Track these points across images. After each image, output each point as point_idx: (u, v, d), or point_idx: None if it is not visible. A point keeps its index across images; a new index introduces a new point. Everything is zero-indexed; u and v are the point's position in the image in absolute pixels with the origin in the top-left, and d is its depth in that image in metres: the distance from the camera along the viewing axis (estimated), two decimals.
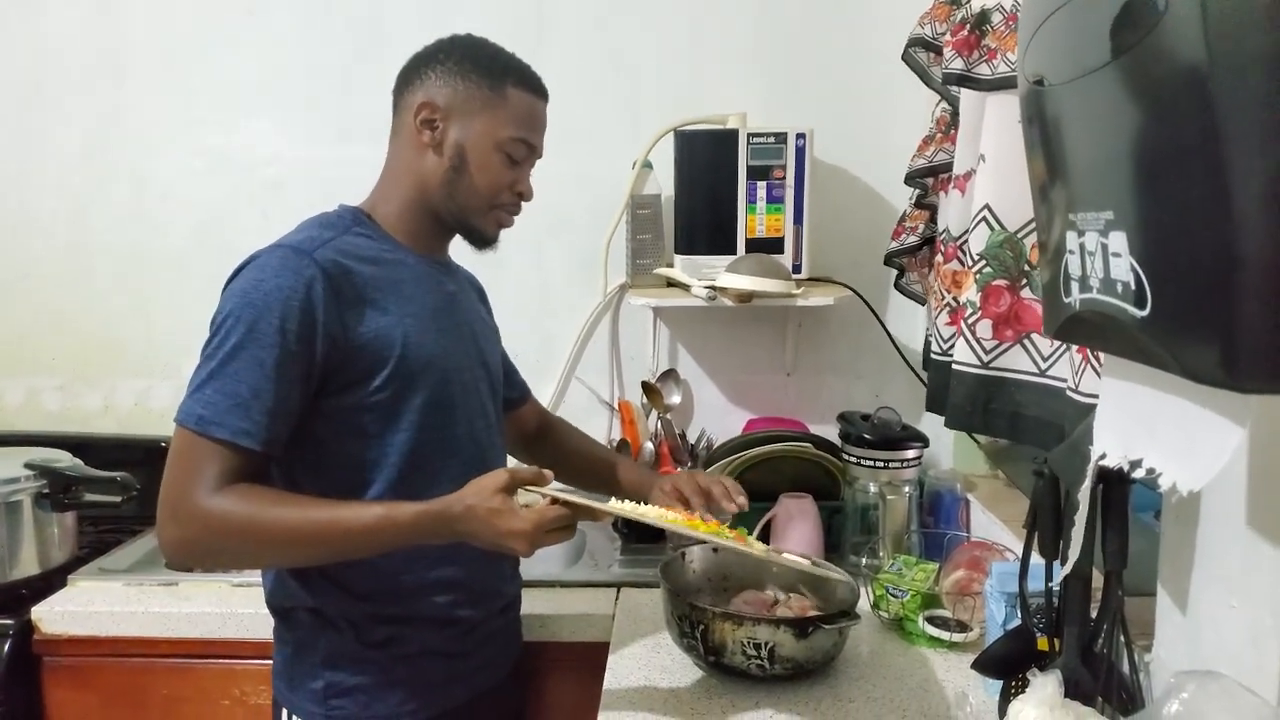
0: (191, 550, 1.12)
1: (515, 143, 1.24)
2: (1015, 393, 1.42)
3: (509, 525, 1.06)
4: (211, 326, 1.13)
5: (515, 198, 1.28)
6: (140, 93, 2.04)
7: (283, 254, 1.14)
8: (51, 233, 2.08)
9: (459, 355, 1.28)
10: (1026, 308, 1.41)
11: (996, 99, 1.41)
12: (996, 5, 1.41)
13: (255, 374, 1.09)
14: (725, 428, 2.02)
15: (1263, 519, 0.79)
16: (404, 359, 1.18)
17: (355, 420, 1.17)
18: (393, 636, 1.21)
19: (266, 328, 1.09)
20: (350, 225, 1.22)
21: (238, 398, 1.08)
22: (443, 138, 1.22)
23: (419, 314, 1.22)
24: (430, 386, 1.21)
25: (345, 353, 1.14)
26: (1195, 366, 0.62)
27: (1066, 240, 0.77)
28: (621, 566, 1.71)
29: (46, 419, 2.11)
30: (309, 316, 1.11)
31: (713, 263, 1.83)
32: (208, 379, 1.10)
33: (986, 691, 1.21)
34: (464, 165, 1.23)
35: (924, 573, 1.47)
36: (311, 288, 1.11)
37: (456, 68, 1.23)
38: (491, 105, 1.22)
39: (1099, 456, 0.83)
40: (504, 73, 1.24)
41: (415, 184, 1.25)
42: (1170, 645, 0.94)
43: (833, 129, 1.92)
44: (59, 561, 1.68)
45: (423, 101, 1.22)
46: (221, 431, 1.08)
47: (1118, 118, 0.66)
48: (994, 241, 1.42)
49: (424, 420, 1.20)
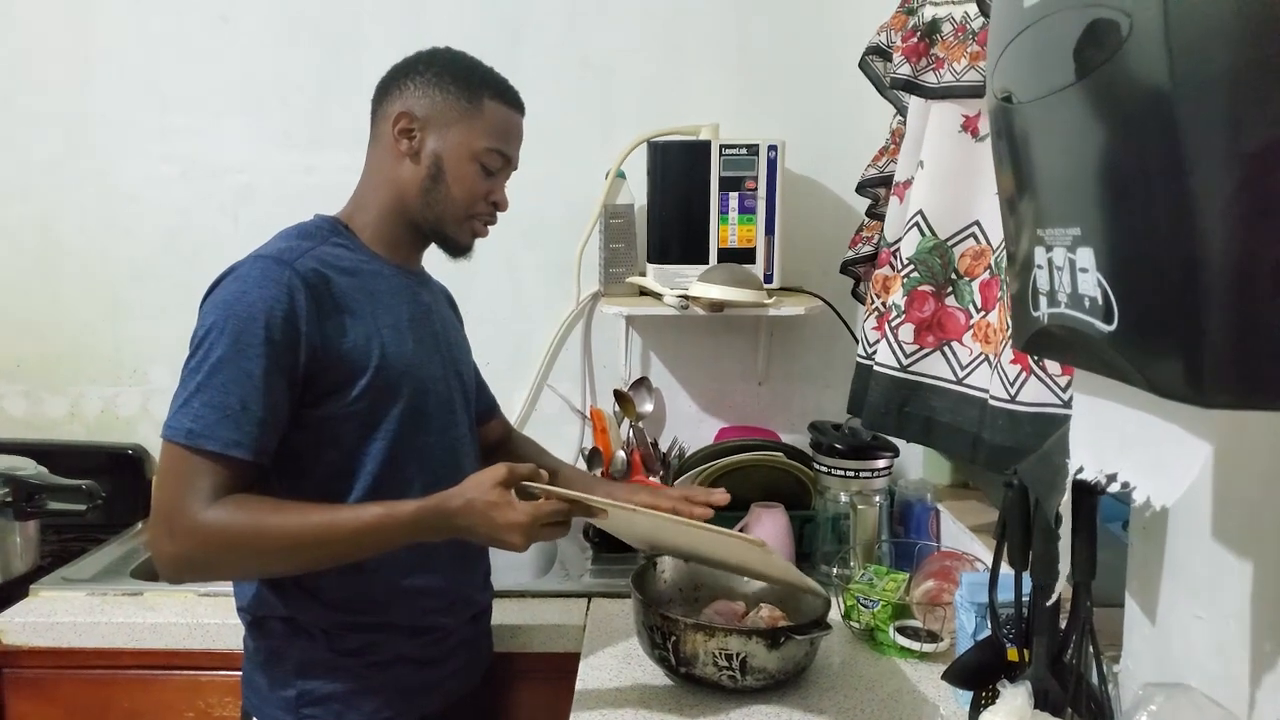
0: (191, 565, 1.10)
1: (491, 153, 1.25)
2: (930, 398, 1.44)
3: (506, 518, 1.08)
4: (193, 340, 1.13)
5: (490, 208, 1.29)
6: (110, 98, 2.01)
7: (264, 265, 1.14)
8: (19, 238, 2.05)
9: (434, 365, 1.28)
10: (950, 315, 1.43)
11: (939, 108, 1.43)
12: (948, 15, 1.42)
13: (244, 385, 1.09)
14: (697, 436, 2.02)
15: (1228, 531, 0.80)
16: (381, 369, 1.18)
17: (332, 430, 1.17)
18: (367, 644, 1.21)
19: (252, 338, 1.09)
20: (328, 235, 1.23)
21: (227, 409, 1.08)
22: (420, 147, 1.24)
23: (395, 324, 1.22)
24: (406, 396, 1.21)
25: (324, 363, 1.14)
26: (1161, 382, 0.62)
27: (1035, 255, 0.78)
28: (593, 576, 1.70)
29: (11, 425, 2.07)
30: (292, 326, 1.11)
31: (685, 272, 1.83)
32: (195, 392, 1.09)
33: (957, 702, 1.22)
34: (440, 174, 1.24)
35: (895, 583, 1.47)
36: (294, 297, 1.12)
37: (435, 79, 1.24)
38: (468, 116, 1.24)
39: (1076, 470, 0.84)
40: (481, 85, 1.25)
41: (392, 193, 1.25)
42: (1138, 656, 0.95)
43: (804, 141, 1.93)
44: (20, 571, 1.65)
45: (401, 111, 1.23)
46: (213, 444, 1.07)
47: (1084, 136, 0.67)
48: (923, 247, 1.44)
49: (400, 430, 1.20)
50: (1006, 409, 1.24)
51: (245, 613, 1.24)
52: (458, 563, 1.29)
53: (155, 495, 1.11)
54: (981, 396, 1.33)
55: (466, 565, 1.32)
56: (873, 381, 1.52)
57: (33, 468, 1.68)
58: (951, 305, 1.43)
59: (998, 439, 1.26)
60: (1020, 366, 1.22)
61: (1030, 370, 1.21)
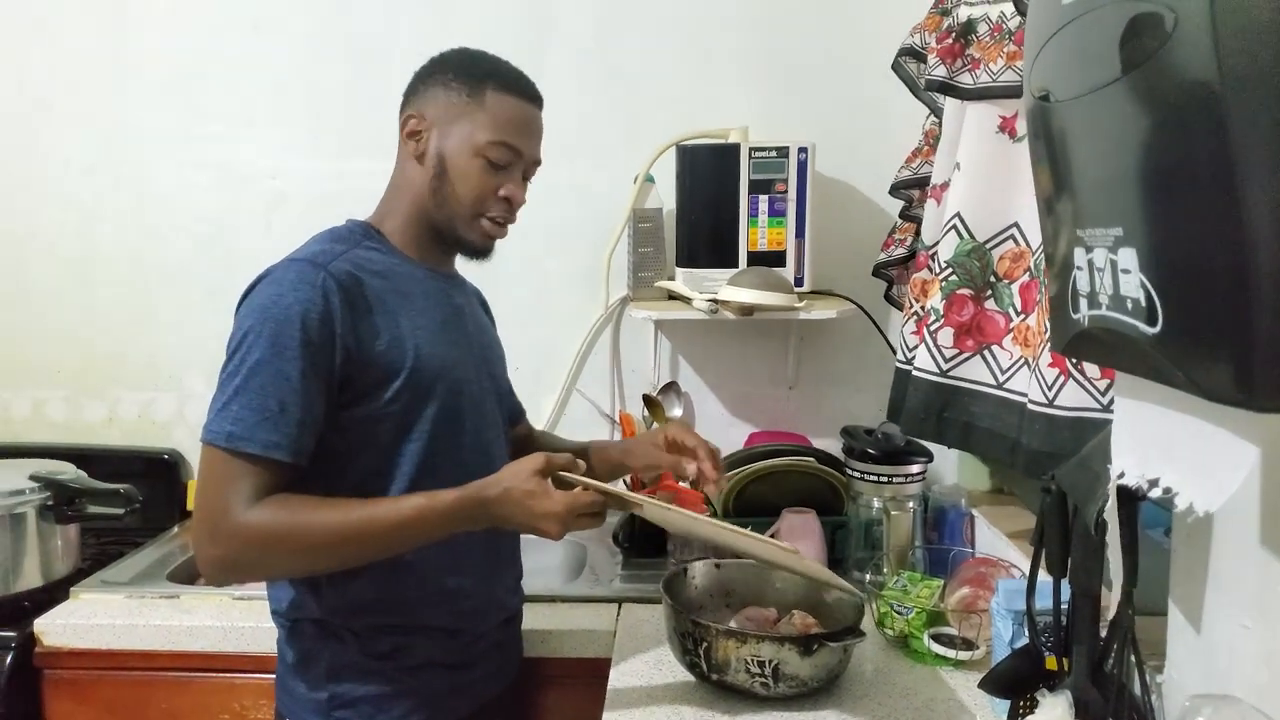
0: (235, 566, 1.12)
1: (495, 146, 1.22)
2: (970, 403, 1.42)
3: (543, 507, 1.10)
4: (230, 344, 1.14)
5: (503, 204, 1.25)
6: (145, 107, 2.04)
7: (298, 268, 1.14)
8: (56, 245, 2.08)
9: (468, 366, 1.28)
10: (989, 318, 1.41)
11: (976, 109, 1.41)
12: (983, 16, 1.41)
13: (282, 387, 1.09)
14: (727, 441, 2.00)
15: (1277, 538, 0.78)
16: (416, 370, 1.18)
17: (367, 431, 1.17)
18: (398, 647, 1.21)
19: (289, 340, 1.10)
20: (360, 239, 1.23)
21: (266, 412, 1.09)
22: (426, 147, 1.23)
23: (429, 326, 1.23)
24: (441, 397, 1.21)
25: (359, 365, 1.15)
26: (1208, 385, 0.61)
27: (1074, 256, 0.76)
28: (623, 581, 1.70)
29: (51, 430, 2.10)
30: (328, 328, 1.12)
31: (714, 276, 1.82)
32: (234, 395, 1.10)
33: (994, 711, 1.20)
34: (445, 173, 1.23)
35: (929, 589, 1.45)
36: (329, 299, 1.12)
37: (440, 77, 1.24)
38: (469, 111, 1.22)
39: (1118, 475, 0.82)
40: (484, 77, 1.23)
41: (410, 197, 1.25)
42: (1183, 666, 0.93)
43: (835, 143, 1.92)
44: (62, 574, 1.67)
45: (410, 114, 1.24)
46: (253, 446, 1.08)
47: (1127, 134, 0.65)
48: (961, 250, 1.42)
49: (435, 430, 1.21)
50: (1044, 413, 1.22)
51: (279, 616, 1.25)
52: (489, 566, 1.30)
53: (197, 499, 1.12)
54: (1021, 401, 1.31)
55: (498, 569, 1.32)
56: (911, 387, 1.50)
57: (72, 472, 1.70)
58: (991, 308, 1.41)
59: (1034, 444, 1.24)
60: (1058, 370, 1.20)
61: (1068, 374, 1.19)
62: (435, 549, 1.17)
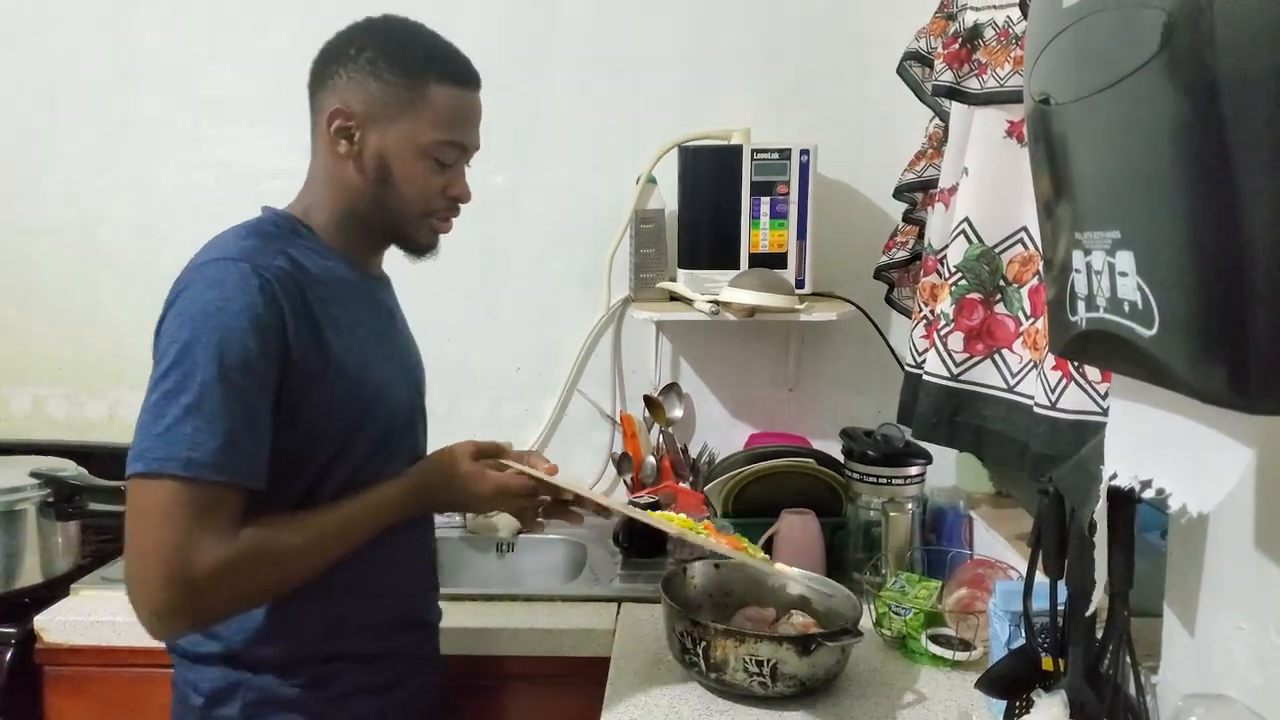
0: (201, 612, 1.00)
1: (443, 146, 1.13)
2: (982, 407, 1.43)
3: (477, 488, 1.16)
4: (167, 353, 1.01)
5: (450, 202, 1.17)
6: (149, 106, 2.05)
7: (240, 270, 1.03)
8: (58, 243, 2.09)
9: (400, 386, 1.22)
10: (999, 323, 1.42)
11: (983, 113, 1.42)
12: (989, 21, 1.41)
13: (240, 405, 0.99)
14: (727, 442, 2.02)
15: (1271, 540, 0.78)
16: (354, 391, 1.11)
17: (301, 456, 1.08)
18: (319, 677, 1.12)
19: (243, 352, 0.99)
20: (290, 236, 1.13)
21: (228, 434, 0.98)
22: (362, 148, 1.12)
23: (366, 340, 1.15)
24: (376, 423, 1.15)
25: (302, 380, 1.05)
26: (1204, 387, 0.61)
27: (1072, 259, 0.77)
28: (622, 581, 1.70)
29: (52, 428, 2.11)
30: (279, 338, 1.03)
31: (716, 277, 1.83)
32: (185, 415, 0.97)
33: (990, 711, 1.20)
34: (388, 177, 1.12)
35: (927, 590, 1.46)
36: (278, 306, 1.03)
37: (370, 66, 1.11)
38: (412, 107, 1.11)
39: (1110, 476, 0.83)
40: (424, 67, 1.11)
41: (342, 196, 1.15)
42: (1177, 667, 0.94)
43: (837, 145, 1.92)
44: (62, 570, 1.68)
45: (335, 108, 1.12)
46: (219, 474, 0.97)
47: (1125, 137, 0.66)
48: (971, 255, 1.42)
49: (366, 459, 1.13)
50: (1048, 416, 1.23)
51: (180, 653, 1.13)
52: (405, 584, 1.24)
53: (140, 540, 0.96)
54: (1030, 404, 1.32)
55: (414, 586, 1.27)
56: (922, 391, 1.50)
57: (73, 469, 1.71)
58: (1001, 312, 1.41)
59: (1038, 447, 1.25)
60: (1061, 373, 1.20)
61: (1070, 377, 1.19)
62: (347, 573, 1.10)
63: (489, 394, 2.06)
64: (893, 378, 1.96)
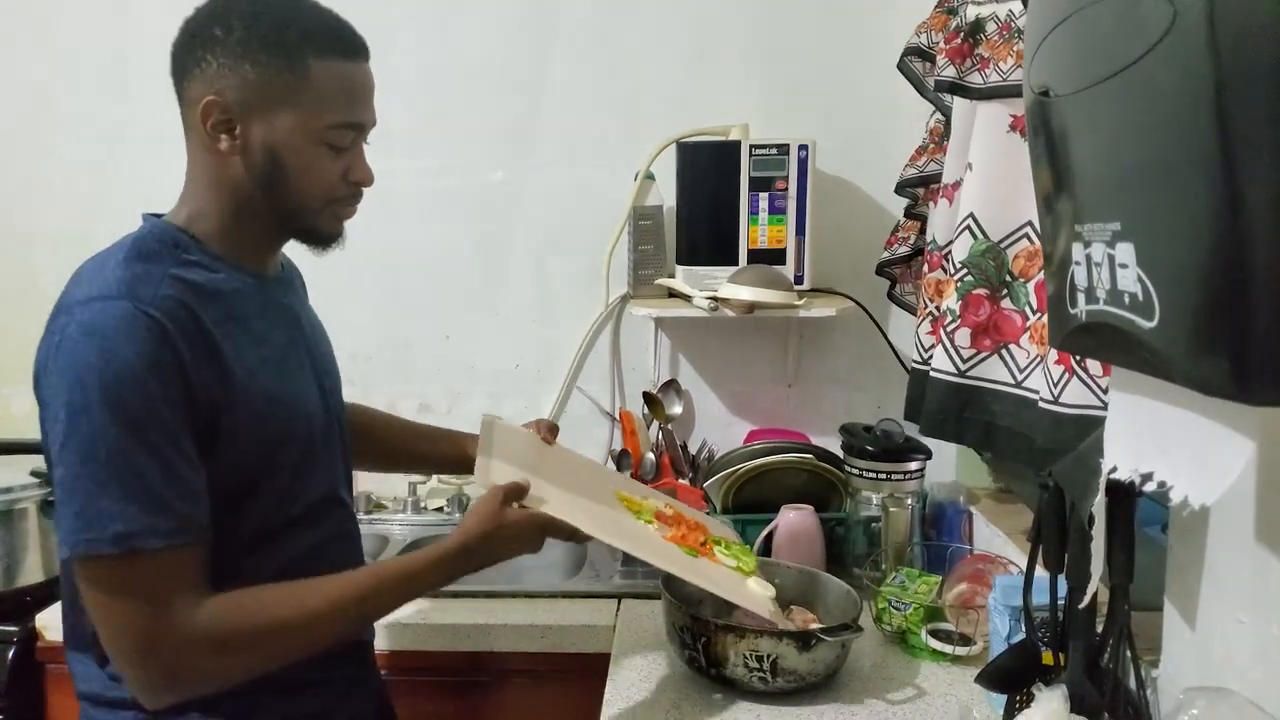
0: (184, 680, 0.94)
1: (336, 130, 1.02)
2: (990, 402, 1.43)
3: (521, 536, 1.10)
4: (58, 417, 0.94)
5: (352, 188, 1.07)
6: (147, 107, 2.03)
7: (120, 310, 0.93)
8: (58, 243, 2.07)
9: (313, 396, 1.12)
10: (1006, 318, 1.42)
11: (986, 108, 1.41)
12: (991, 15, 1.41)
13: (154, 461, 0.90)
14: (726, 438, 2.02)
15: (1272, 533, 0.78)
16: (270, 415, 1.02)
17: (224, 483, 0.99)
18: (238, 712, 1.02)
19: (145, 403, 0.91)
20: (173, 252, 1.02)
21: (149, 495, 0.90)
22: (245, 141, 1.01)
23: (272, 357, 1.05)
24: (295, 434, 1.07)
25: (209, 416, 0.96)
26: (1204, 379, 0.61)
27: (1072, 251, 0.77)
28: (623, 577, 1.70)
29: None
30: (180, 378, 0.93)
31: (714, 273, 1.83)
32: (99, 489, 0.89)
33: (990, 706, 1.20)
34: (279, 169, 1.01)
35: (927, 585, 1.46)
36: (171, 344, 0.93)
37: (240, 49, 0.98)
38: (295, 91, 0.99)
39: (1109, 470, 0.83)
40: (300, 43, 0.99)
41: (228, 195, 1.04)
42: (1178, 661, 0.94)
43: (835, 140, 1.92)
44: None
45: (208, 100, 0.99)
46: (154, 541, 0.89)
47: (1125, 129, 0.66)
48: (976, 250, 1.42)
49: (288, 478, 1.06)
50: (1050, 410, 1.23)
51: (93, 700, 1.03)
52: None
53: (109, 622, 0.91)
54: (1035, 399, 1.32)
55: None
56: (929, 388, 1.50)
57: None
58: (1007, 308, 1.41)
59: (1041, 441, 1.25)
60: (1064, 367, 1.20)
61: (1072, 371, 1.19)
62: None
63: (488, 391, 2.06)
64: (892, 373, 1.97)
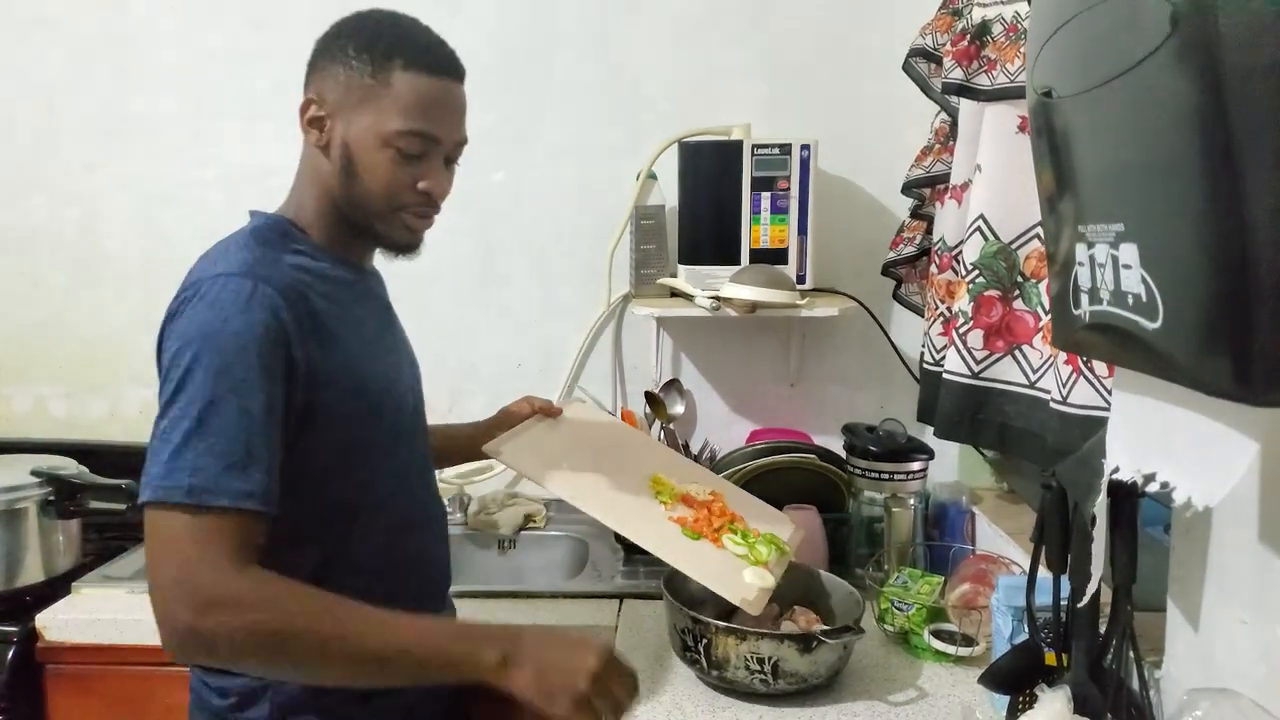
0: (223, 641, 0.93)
1: (406, 136, 1.06)
2: (1004, 404, 1.43)
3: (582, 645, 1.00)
4: (168, 379, 0.98)
5: (421, 198, 1.10)
6: (149, 103, 2.04)
7: (239, 285, 0.99)
8: (60, 241, 2.09)
9: (403, 377, 1.21)
10: (1018, 319, 1.42)
11: (994, 110, 1.41)
12: (997, 16, 1.41)
13: (245, 426, 0.95)
14: (728, 438, 2.02)
15: (1275, 533, 0.78)
16: (365, 393, 1.09)
17: (313, 457, 1.04)
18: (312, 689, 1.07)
19: (245, 372, 0.96)
20: (285, 241, 1.10)
21: (230, 457, 0.94)
22: (330, 137, 1.08)
23: (368, 340, 1.14)
24: (386, 418, 1.13)
25: (312, 392, 1.02)
26: (1208, 379, 0.61)
27: (1076, 252, 0.77)
28: (624, 578, 1.70)
29: (53, 426, 2.11)
30: (283, 352, 0.99)
31: (716, 273, 1.82)
32: (185, 441, 0.94)
33: (993, 706, 1.20)
34: (353, 167, 1.08)
35: (929, 586, 1.46)
36: (280, 319, 0.99)
37: (340, 54, 1.08)
38: (374, 95, 1.06)
39: (1112, 470, 0.83)
40: (389, 54, 1.06)
41: (320, 191, 1.12)
42: (1181, 661, 0.94)
43: (837, 140, 1.92)
44: (63, 569, 1.67)
45: (309, 98, 1.09)
46: (221, 499, 0.93)
47: (1129, 130, 0.66)
48: (988, 252, 1.42)
49: (381, 455, 1.11)
50: (1059, 410, 1.23)
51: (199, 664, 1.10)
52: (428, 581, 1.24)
53: (159, 568, 0.94)
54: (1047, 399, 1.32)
55: (437, 583, 1.27)
56: (943, 390, 1.50)
57: (74, 467, 1.70)
58: (1020, 308, 1.41)
59: (1050, 441, 1.25)
60: (1072, 367, 1.20)
61: (1080, 371, 1.19)
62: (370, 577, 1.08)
63: (490, 390, 2.06)
64: (894, 373, 1.97)
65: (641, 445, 1.57)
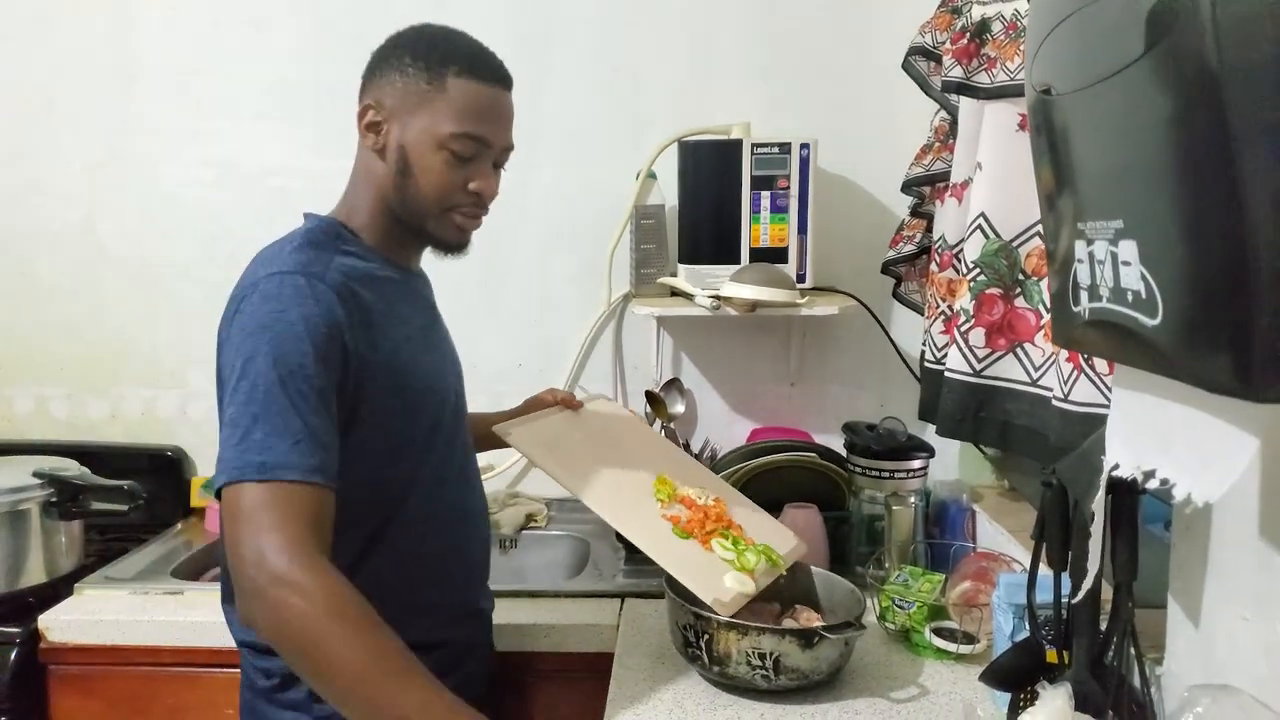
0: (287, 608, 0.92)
1: (459, 139, 1.13)
2: (1006, 402, 1.43)
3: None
4: (231, 372, 1.03)
5: (472, 198, 1.17)
6: (149, 104, 2.04)
7: (294, 281, 1.05)
8: (61, 242, 2.09)
9: (448, 375, 1.26)
10: (1020, 316, 1.42)
11: (994, 108, 1.42)
12: (997, 14, 1.41)
13: (304, 408, 1.00)
14: (729, 437, 2.02)
15: (1276, 530, 0.78)
16: (411, 387, 1.15)
17: (364, 454, 1.09)
18: None
19: (302, 359, 1.01)
20: (336, 243, 1.15)
21: (296, 435, 0.98)
22: (386, 140, 1.15)
23: (413, 336, 1.19)
24: (430, 412, 1.18)
25: (363, 383, 1.08)
26: (1208, 376, 0.61)
27: (1075, 249, 0.77)
28: (625, 576, 1.70)
29: (54, 427, 2.11)
30: (338, 343, 1.05)
31: (716, 272, 1.83)
32: (253, 424, 0.99)
33: (995, 704, 1.20)
34: (408, 168, 1.14)
35: (930, 584, 1.46)
36: (334, 313, 1.05)
37: (397, 62, 1.15)
38: (429, 99, 1.13)
39: (1111, 467, 0.83)
40: (444, 61, 1.14)
41: (374, 193, 1.18)
42: (1182, 658, 0.94)
43: (837, 138, 1.92)
44: (66, 570, 1.68)
45: (367, 104, 1.17)
46: (293, 474, 0.97)
47: (1128, 126, 0.66)
48: (989, 250, 1.42)
49: (425, 449, 1.17)
50: (1060, 408, 1.23)
51: (250, 647, 1.16)
52: (466, 575, 1.27)
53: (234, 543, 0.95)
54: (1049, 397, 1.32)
55: (475, 577, 1.31)
56: (945, 388, 1.50)
57: (76, 469, 1.71)
58: (1021, 306, 1.41)
59: (1052, 439, 1.25)
60: (1073, 365, 1.21)
61: (1081, 369, 1.19)
62: (413, 563, 1.14)
63: (490, 390, 2.05)
64: (895, 371, 1.97)
65: (653, 446, 1.58)
